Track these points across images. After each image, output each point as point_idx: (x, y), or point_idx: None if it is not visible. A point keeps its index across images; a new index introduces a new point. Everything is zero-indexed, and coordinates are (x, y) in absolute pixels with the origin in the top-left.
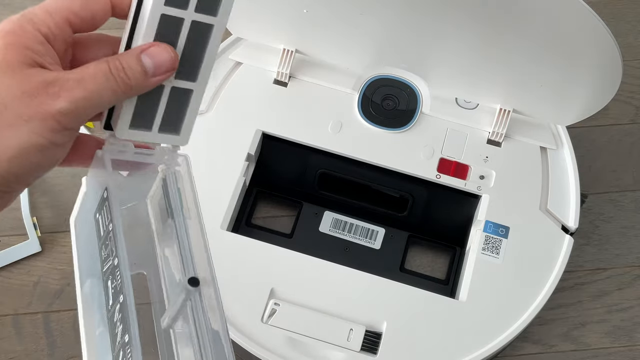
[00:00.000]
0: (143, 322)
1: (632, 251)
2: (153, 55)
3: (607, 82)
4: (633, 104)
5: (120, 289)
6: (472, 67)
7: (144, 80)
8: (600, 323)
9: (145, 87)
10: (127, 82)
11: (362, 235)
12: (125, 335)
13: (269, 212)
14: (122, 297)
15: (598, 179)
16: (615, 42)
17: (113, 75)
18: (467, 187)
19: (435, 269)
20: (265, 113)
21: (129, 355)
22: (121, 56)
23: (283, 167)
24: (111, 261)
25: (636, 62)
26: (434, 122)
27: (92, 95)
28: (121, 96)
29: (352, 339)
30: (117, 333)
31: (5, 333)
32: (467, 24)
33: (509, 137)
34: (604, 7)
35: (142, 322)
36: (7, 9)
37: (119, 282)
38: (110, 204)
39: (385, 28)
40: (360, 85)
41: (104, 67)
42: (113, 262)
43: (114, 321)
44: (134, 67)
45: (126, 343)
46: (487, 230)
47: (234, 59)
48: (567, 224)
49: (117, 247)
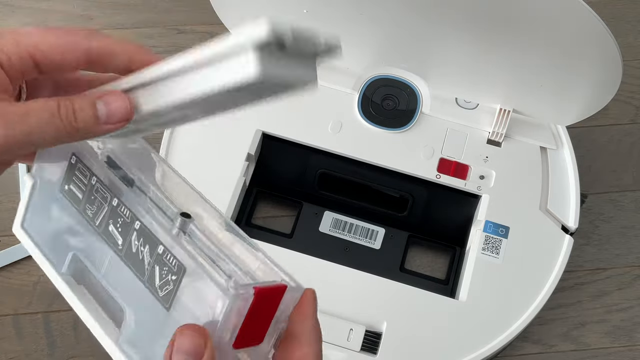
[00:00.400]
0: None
1: (632, 251)
2: (109, 102)
3: (607, 82)
4: (633, 104)
5: (131, 220)
6: (472, 67)
7: (94, 126)
8: (600, 323)
9: (94, 133)
10: (73, 124)
11: (362, 235)
12: (156, 248)
13: (269, 212)
14: (137, 224)
15: (598, 179)
16: (615, 42)
17: (60, 115)
18: (467, 187)
19: (435, 269)
20: (265, 113)
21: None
22: (75, 97)
23: (283, 167)
24: (106, 208)
25: (636, 62)
26: (434, 122)
27: (33, 131)
28: (65, 138)
29: (352, 339)
30: (143, 257)
31: (5, 333)
32: (467, 24)
33: (509, 137)
34: (604, 7)
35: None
36: (8, 9)
37: (127, 214)
38: (85, 160)
39: (385, 28)
40: (360, 85)
41: (52, 104)
42: (111, 205)
43: (133, 252)
44: (86, 111)
45: (161, 253)
46: (487, 230)
47: None
48: (567, 224)
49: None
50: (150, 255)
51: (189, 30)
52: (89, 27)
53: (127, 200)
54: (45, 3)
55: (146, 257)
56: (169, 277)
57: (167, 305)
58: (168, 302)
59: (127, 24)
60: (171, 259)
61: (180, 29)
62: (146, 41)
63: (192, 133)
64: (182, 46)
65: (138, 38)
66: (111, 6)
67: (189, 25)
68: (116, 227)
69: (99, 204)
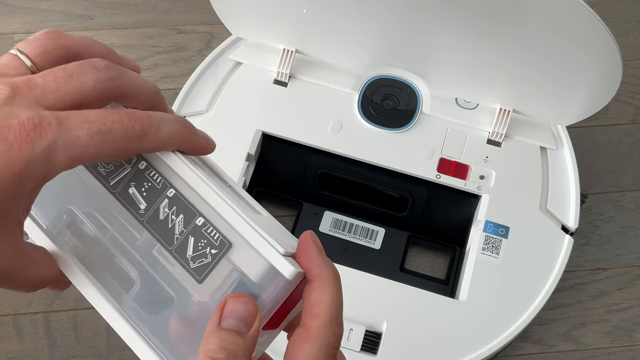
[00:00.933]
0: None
1: (632, 251)
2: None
3: (607, 82)
4: (633, 104)
5: (162, 187)
6: (472, 67)
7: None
8: (600, 323)
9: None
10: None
11: (362, 235)
12: (194, 218)
13: (269, 212)
14: (170, 191)
15: (598, 179)
16: (615, 42)
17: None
18: (467, 187)
19: (435, 269)
20: (265, 113)
21: (212, 232)
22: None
23: (283, 167)
24: (128, 169)
25: (636, 62)
26: (434, 122)
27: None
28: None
29: (352, 339)
30: (174, 225)
31: (5, 333)
32: (467, 24)
33: (509, 137)
34: (604, 7)
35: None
36: (8, 9)
37: (158, 180)
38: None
39: (385, 28)
40: (360, 85)
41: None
42: (136, 167)
43: (160, 219)
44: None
45: (200, 225)
46: (487, 230)
47: (234, 59)
48: (567, 224)
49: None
50: (185, 226)
51: (189, 30)
52: (89, 27)
53: (158, 165)
54: (45, 3)
55: (178, 226)
56: (207, 250)
57: (200, 277)
58: (201, 274)
59: (127, 24)
60: (213, 233)
61: (180, 29)
62: (146, 41)
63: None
64: (182, 46)
65: (138, 38)
66: (111, 6)
67: (189, 25)
68: (140, 190)
69: (118, 163)
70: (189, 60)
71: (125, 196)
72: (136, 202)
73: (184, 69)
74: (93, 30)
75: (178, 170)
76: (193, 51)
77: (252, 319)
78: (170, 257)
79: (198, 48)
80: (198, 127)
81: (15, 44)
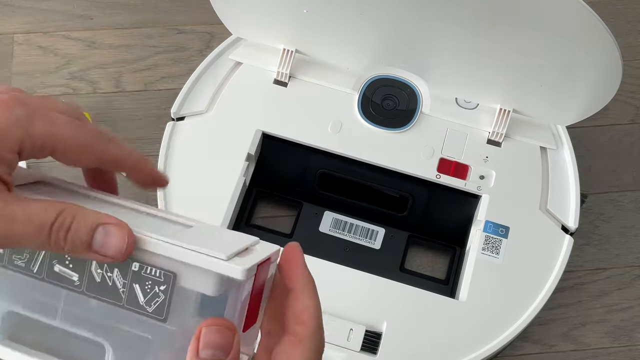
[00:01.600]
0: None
1: (632, 251)
2: (109, 233)
3: (607, 82)
4: (633, 104)
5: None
6: (472, 67)
7: (82, 251)
8: (600, 323)
9: (79, 257)
10: (60, 244)
11: (362, 235)
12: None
13: (269, 212)
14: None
15: (598, 179)
16: (615, 42)
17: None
18: (467, 187)
19: (435, 269)
20: (265, 113)
21: (151, 271)
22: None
23: (283, 167)
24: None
25: (636, 62)
26: (434, 122)
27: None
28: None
29: (352, 339)
30: (114, 282)
31: None
32: (467, 24)
33: (509, 137)
34: (604, 7)
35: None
36: (8, 9)
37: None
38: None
39: (385, 28)
40: (360, 85)
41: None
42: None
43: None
44: (80, 235)
45: (137, 270)
46: (487, 230)
47: (234, 59)
48: (567, 224)
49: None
50: (124, 277)
51: (189, 30)
52: (88, 27)
53: None
54: (45, 3)
55: (117, 280)
56: (157, 289)
57: (162, 317)
58: (162, 313)
59: (127, 24)
60: (153, 271)
61: (180, 29)
62: (146, 41)
63: (192, 133)
64: (182, 46)
65: (138, 38)
66: (111, 6)
67: (189, 25)
68: (64, 264)
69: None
70: (189, 60)
71: (55, 276)
72: (67, 276)
73: (184, 69)
74: (93, 30)
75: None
76: (193, 51)
77: (230, 345)
78: (126, 312)
79: (198, 48)
80: (198, 127)
81: (15, 44)
